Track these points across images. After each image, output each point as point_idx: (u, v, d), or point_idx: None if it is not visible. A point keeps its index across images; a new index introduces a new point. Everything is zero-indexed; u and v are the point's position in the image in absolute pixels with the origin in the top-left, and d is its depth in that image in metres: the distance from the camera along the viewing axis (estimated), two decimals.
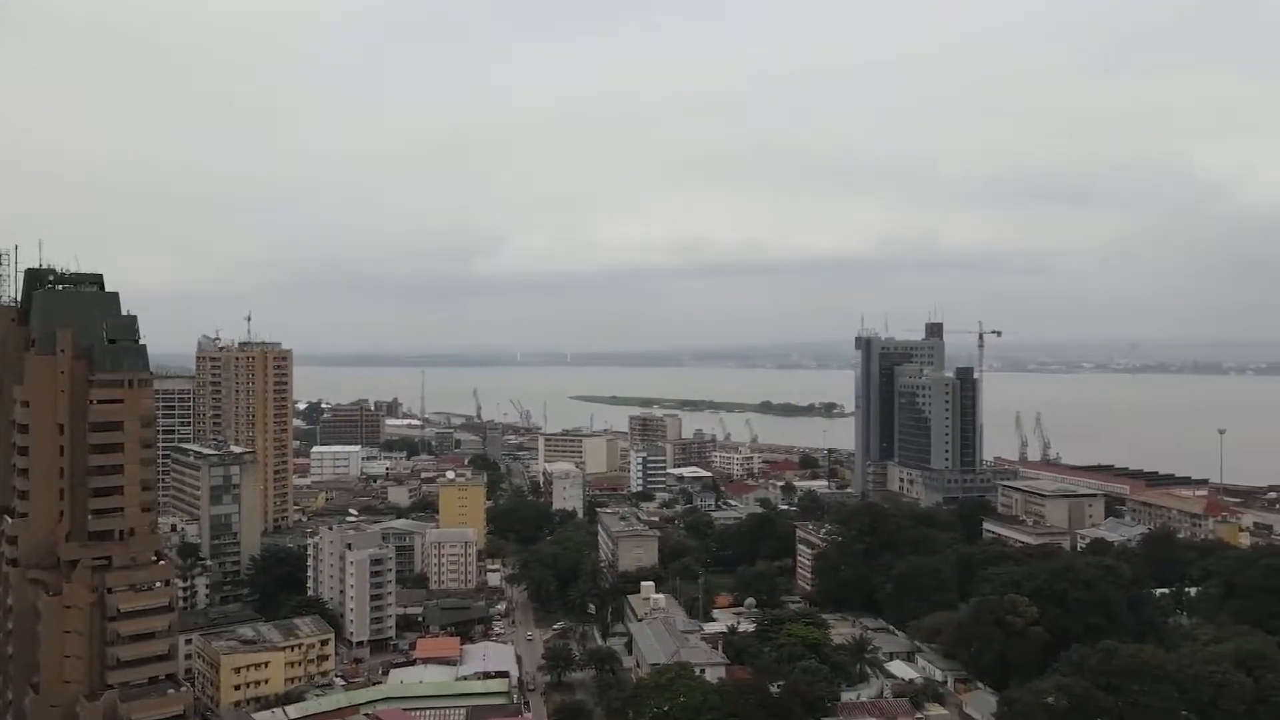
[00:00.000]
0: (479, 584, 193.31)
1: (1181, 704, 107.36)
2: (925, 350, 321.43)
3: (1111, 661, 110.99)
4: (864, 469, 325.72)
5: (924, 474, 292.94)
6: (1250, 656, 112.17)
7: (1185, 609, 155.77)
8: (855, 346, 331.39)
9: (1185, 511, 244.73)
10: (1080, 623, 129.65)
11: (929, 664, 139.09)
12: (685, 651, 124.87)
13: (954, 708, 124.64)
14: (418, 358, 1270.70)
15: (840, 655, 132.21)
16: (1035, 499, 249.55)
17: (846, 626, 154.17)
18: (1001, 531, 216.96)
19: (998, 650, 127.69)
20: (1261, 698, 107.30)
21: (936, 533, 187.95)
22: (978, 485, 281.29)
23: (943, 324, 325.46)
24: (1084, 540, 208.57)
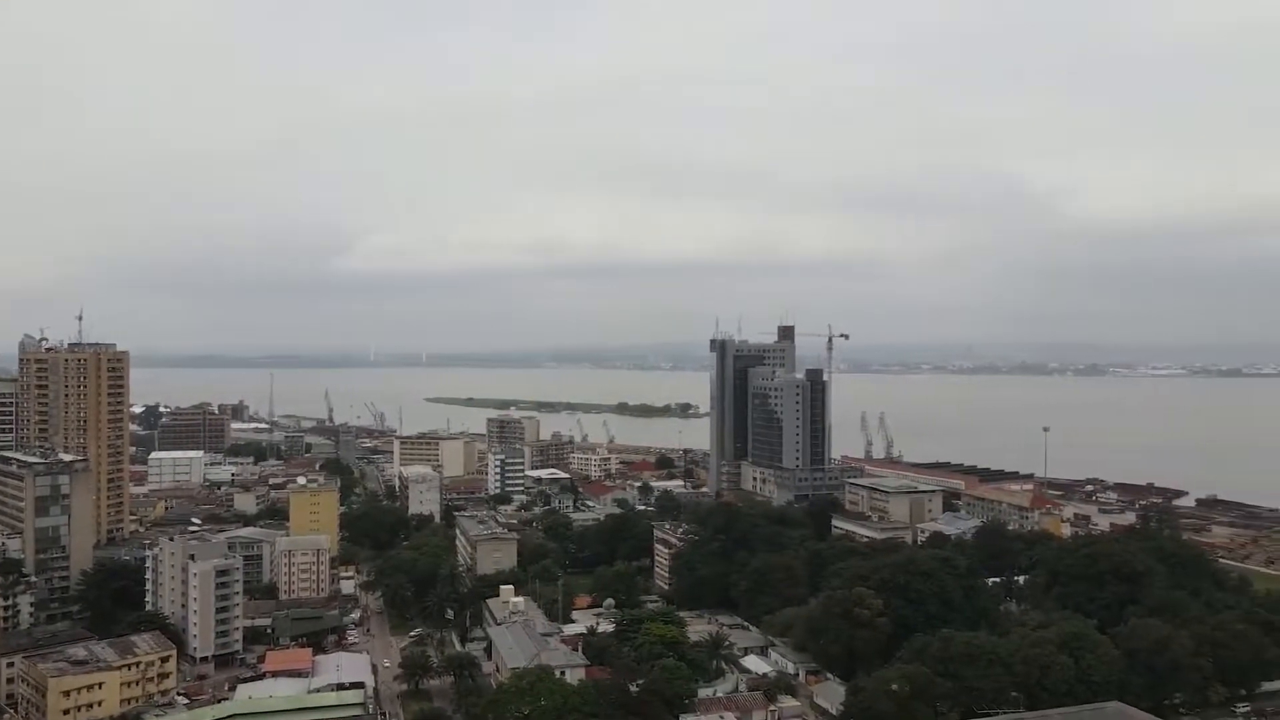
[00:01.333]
0: (332, 592, 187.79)
1: (1011, 685, 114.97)
2: (777, 353, 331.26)
3: (949, 648, 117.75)
4: (719, 469, 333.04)
5: (776, 473, 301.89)
6: (1071, 639, 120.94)
7: (1015, 596, 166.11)
8: (710, 349, 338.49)
9: (1014, 505, 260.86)
10: (921, 613, 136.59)
11: (782, 657, 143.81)
12: (545, 654, 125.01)
13: (805, 699, 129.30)
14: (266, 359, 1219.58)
15: (698, 652, 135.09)
16: (880, 496, 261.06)
17: (703, 624, 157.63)
18: (849, 527, 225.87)
19: (846, 642, 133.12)
20: (1081, 677, 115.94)
21: (788, 530, 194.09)
22: (827, 483, 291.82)
23: (794, 327, 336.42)
24: (924, 534, 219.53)
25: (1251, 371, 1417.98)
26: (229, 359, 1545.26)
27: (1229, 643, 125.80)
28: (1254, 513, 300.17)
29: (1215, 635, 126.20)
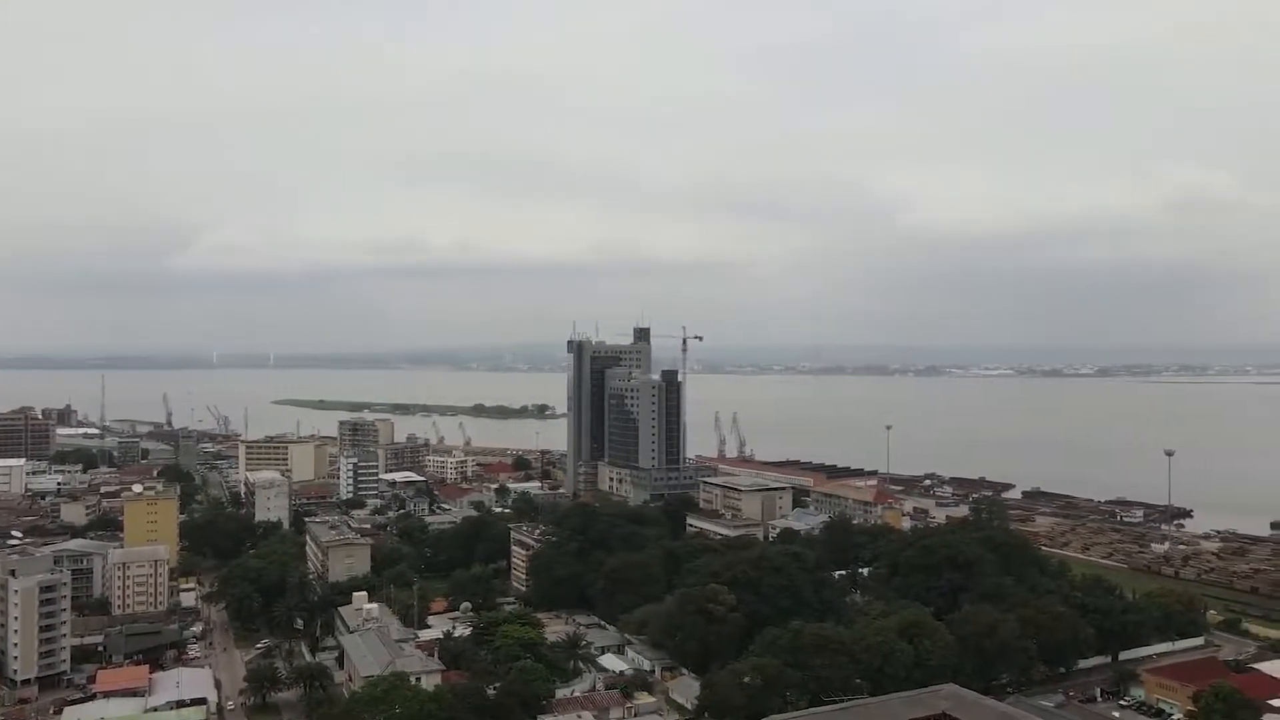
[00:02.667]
0: (171, 605, 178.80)
1: (856, 672, 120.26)
2: (633, 354, 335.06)
3: (798, 640, 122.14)
4: (576, 469, 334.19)
5: (633, 473, 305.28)
6: (910, 626, 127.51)
7: (860, 588, 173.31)
8: (567, 350, 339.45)
9: (859, 500, 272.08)
10: (772, 606, 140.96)
11: (638, 655, 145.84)
12: (400, 660, 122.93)
13: (661, 695, 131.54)
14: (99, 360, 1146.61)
15: (555, 653, 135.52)
16: (733, 494, 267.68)
17: (561, 624, 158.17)
18: (704, 525, 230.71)
19: (700, 637, 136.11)
20: (919, 661, 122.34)
21: (644, 529, 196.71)
22: (682, 482, 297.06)
23: (649, 329, 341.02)
24: (775, 530, 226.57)
25: (1070, 372, 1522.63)
26: (58, 360, 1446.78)
27: (1050, 625, 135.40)
28: (1072, 503, 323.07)
29: (1038, 618, 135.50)
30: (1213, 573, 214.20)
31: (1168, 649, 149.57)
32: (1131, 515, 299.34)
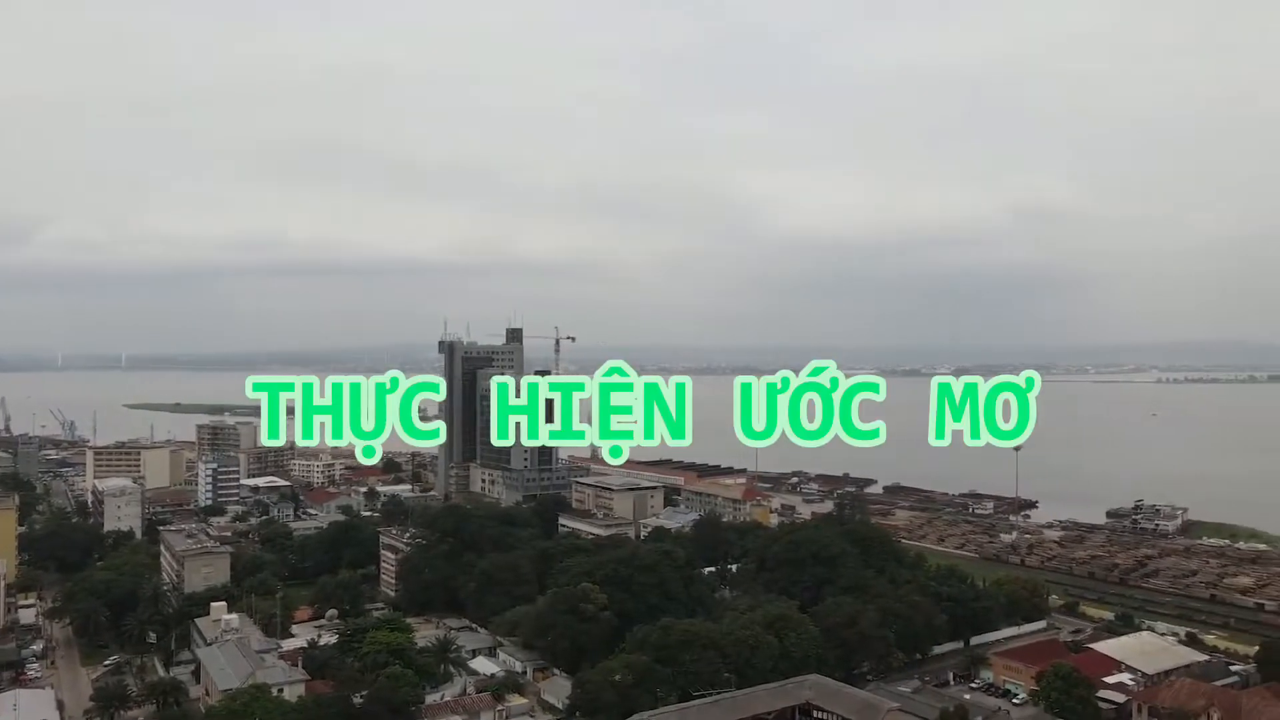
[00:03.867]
0: (9, 623, 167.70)
1: (724, 666, 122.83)
2: (506, 354, 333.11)
3: (668, 636, 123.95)
4: (447, 471, 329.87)
5: (505, 474, 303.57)
6: (777, 620, 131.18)
7: (729, 583, 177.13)
8: (439, 350, 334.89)
9: (729, 498, 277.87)
10: (644, 604, 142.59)
11: (510, 657, 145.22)
12: (261, 672, 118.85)
13: (533, 696, 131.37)
14: None
15: (425, 658, 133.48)
16: (605, 493, 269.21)
17: (431, 629, 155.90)
18: (576, 525, 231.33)
19: (572, 637, 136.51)
20: (785, 654, 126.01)
21: (517, 530, 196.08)
22: (555, 483, 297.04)
23: (522, 329, 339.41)
24: (647, 529, 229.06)
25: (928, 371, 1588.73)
26: None
27: (907, 613, 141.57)
28: (929, 497, 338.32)
29: (896, 608, 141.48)
30: (1054, 560, 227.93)
31: (1014, 633, 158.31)
32: (983, 507, 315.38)
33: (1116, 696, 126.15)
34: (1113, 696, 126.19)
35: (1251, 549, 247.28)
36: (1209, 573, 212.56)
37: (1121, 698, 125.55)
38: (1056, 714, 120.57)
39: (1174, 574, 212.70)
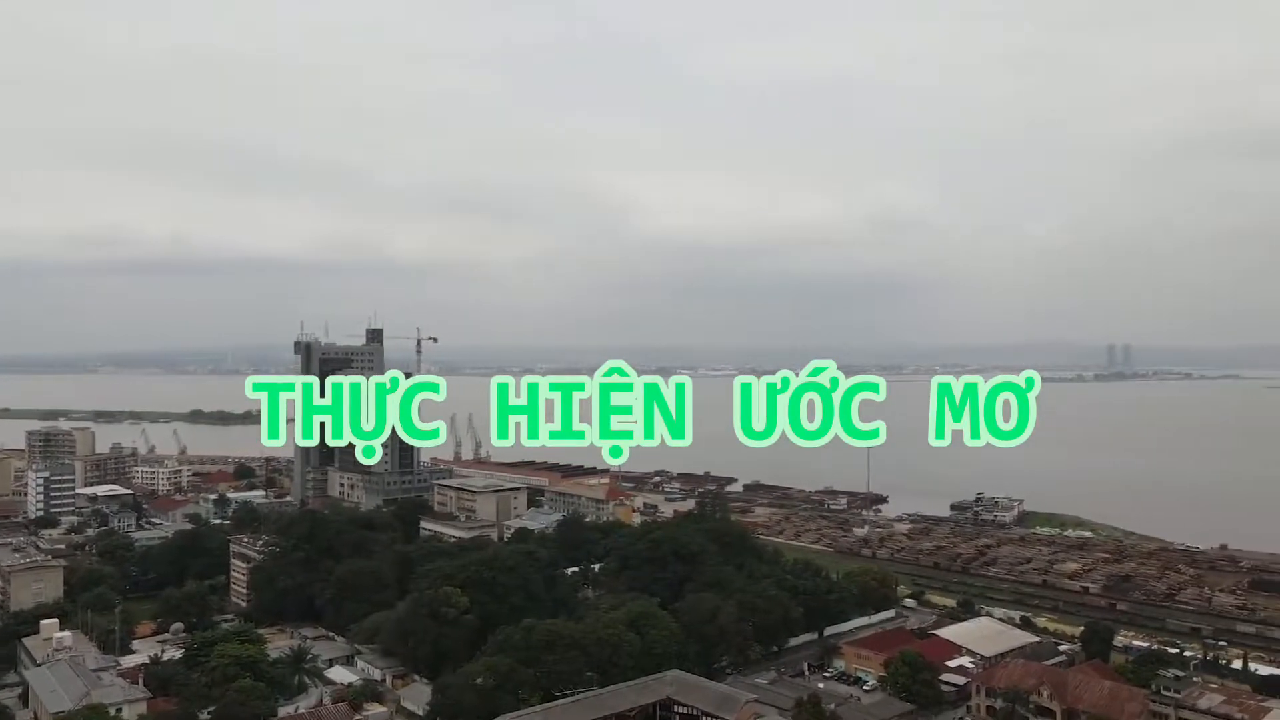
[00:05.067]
0: None
1: (587, 665, 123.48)
2: (366, 355, 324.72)
3: (531, 638, 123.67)
4: (304, 476, 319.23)
5: (364, 478, 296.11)
6: (639, 617, 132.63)
7: (592, 583, 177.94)
8: (295, 351, 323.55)
9: (592, 498, 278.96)
10: (506, 605, 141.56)
11: (369, 664, 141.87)
12: (98, 692, 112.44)
13: (392, 703, 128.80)
14: None
15: (278, 669, 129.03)
16: (468, 495, 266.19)
17: (285, 639, 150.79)
18: (438, 528, 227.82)
19: (433, 641, 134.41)
20: (647, 650, 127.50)
21: (376, 534, 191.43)
22: (416, 485, 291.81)
23: (383, 330, 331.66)
24: (510, 530, 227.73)
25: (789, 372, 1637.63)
26: None
27: (764, 607, 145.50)
28: (787, 494, 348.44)
29: (754, 602, 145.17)
30: (903, 551, 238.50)
31: (865, 622, 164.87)
32: (837, 503, 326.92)
33: (958, 679, 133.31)
34: (954, 679, 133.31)
35: (1078, 537, 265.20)
36: (1041, 560, 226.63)
37: (962, 680, 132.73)
38: (903, 698, 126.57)
39: (1010, 562, 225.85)
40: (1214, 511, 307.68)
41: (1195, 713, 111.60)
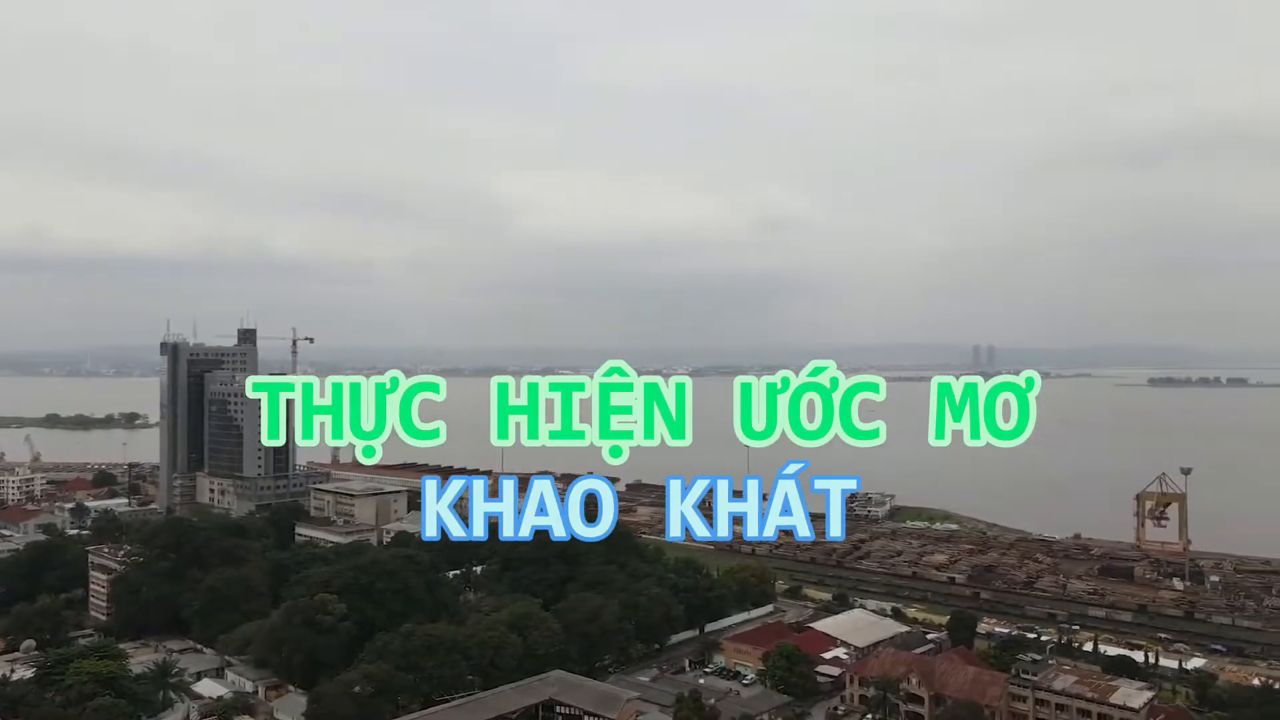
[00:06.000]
0: None
1: (469, 669, 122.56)
2: (238, 356, 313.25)
3: (410, 643, 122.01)
4: (170, 482, 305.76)
5: (236, 483, 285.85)
6: (521, 619, 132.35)
7: (474, 585, 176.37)
8: (161, 352, 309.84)
9: None
10: (385, 611, 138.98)
11: (240, 676, 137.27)
12: None
13: (265, 715, 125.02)
14: None
15: (141, 685, 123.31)
16: (346, 500, 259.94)
17: (150, 653, 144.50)
18: (314, 534, 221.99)
19: (308, 650, 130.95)
20: (529, 652, 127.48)
21: (248, 542, 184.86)
22: (291, 490, 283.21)
23: (256, 330, 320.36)
24: (390, 534, 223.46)
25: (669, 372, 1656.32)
26: None
27: (646, 606, 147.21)
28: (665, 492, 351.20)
29: (636, 601, 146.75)
30: (781, 548, 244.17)
31: (744, 618, 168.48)
32: None
33: (833, 670, 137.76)
34: (829, 670, 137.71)
35: (945, 529, 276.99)
36: (911, 553, 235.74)
37: (837, 670, 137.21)
38: (781, 691, 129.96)
39: (882, 555, 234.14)
40: (1067, 503, 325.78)
41: (1050, 693, 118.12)
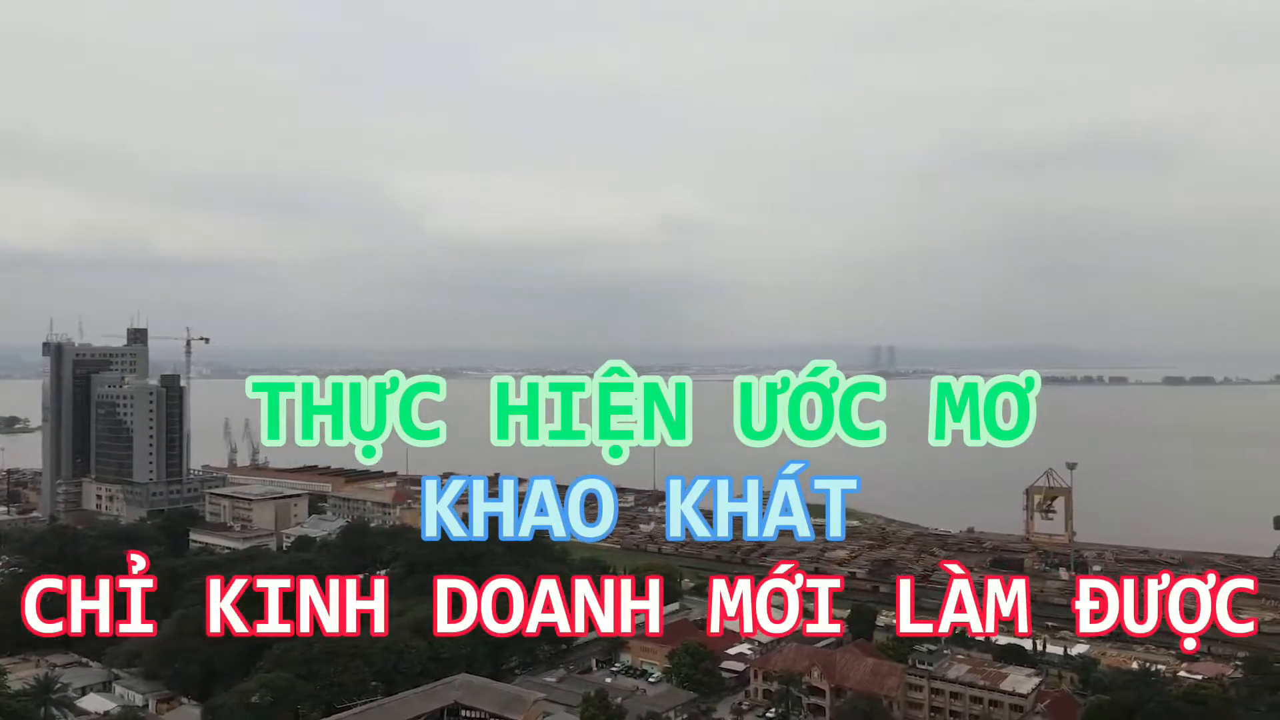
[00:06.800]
0: None
1: (371, 675, 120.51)
2: (127, 357, 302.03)
3: (311, 650, 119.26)
4: (54, 489, 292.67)
5: (126, 489, 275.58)
6: (424, 622, 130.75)
7: None
8: (43, 353, 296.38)
9: (378, 502, 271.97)
10: None
11: (129, 690, 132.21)
12: None
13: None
14: None
15: (19, 702, 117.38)
16: (243, 504, 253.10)
17: (30, 668, 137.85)
18: (210, 540, 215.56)
19: (203, 660, 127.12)
20: (434, 656, 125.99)
21: (139, 549, 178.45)
22: (185, 495, 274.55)
23: (147, 329, 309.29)
24: (290, 539, 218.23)
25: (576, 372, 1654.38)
26: None
27: None
28: None
29: None
30: (687, 546, 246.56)
31: None
32: (625, 500, 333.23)
33: (737, 666, 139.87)
34: (734, 666, 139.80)
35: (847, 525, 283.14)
36: (814, 549, 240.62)
37: (742, 666, 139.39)
38: (687, 688, 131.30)
39: (786, 551, 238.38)
40: (961, 498, 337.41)
41: (945, 682, 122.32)
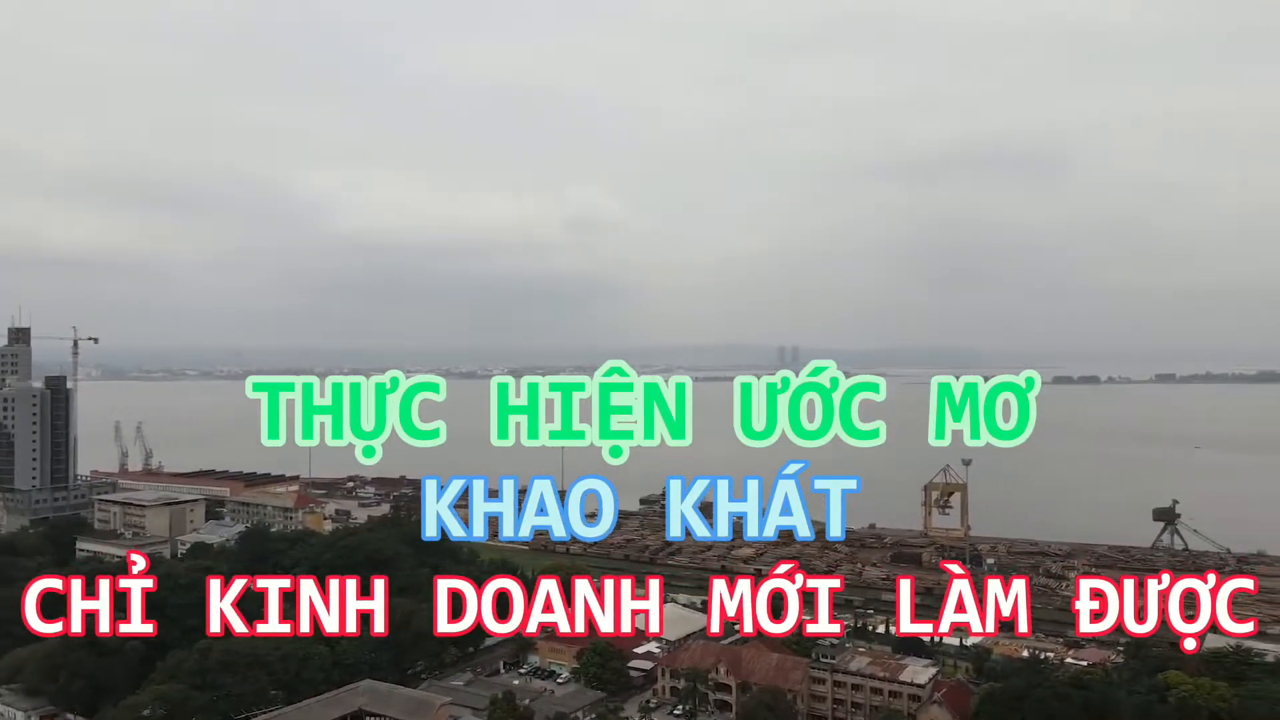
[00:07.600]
0: None
1: (271, 684, 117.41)
2: (8, 358, 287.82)
3: (207, 659, 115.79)
4: None
5: (6, 497, 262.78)
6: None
7: None
8: None
9: (279, 507, 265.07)
10: (180, 628, 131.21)
11: (9, 707, 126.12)
12: None
13: None
14: None
15: None
16: (135, 510, 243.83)
17: None
18: (98, 548, 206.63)
19: (90, 675, 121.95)
20: (337, 662, 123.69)
21: (21, 560, 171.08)
22: (72, 503, 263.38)
23: (30, 329, 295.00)
24: (185, 545, 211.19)
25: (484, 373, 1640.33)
26: None
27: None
28: None
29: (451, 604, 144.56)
30: (595, 545, 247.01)
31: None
32: None
33: (645, 664, 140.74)
34: (642, 664, 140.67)
35: None
36: (720, 548, 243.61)
37: (650, 664, 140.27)
38: (595, 687, 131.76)
39: (693, 551, 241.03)
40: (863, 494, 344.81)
41: (847, 674, 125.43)
